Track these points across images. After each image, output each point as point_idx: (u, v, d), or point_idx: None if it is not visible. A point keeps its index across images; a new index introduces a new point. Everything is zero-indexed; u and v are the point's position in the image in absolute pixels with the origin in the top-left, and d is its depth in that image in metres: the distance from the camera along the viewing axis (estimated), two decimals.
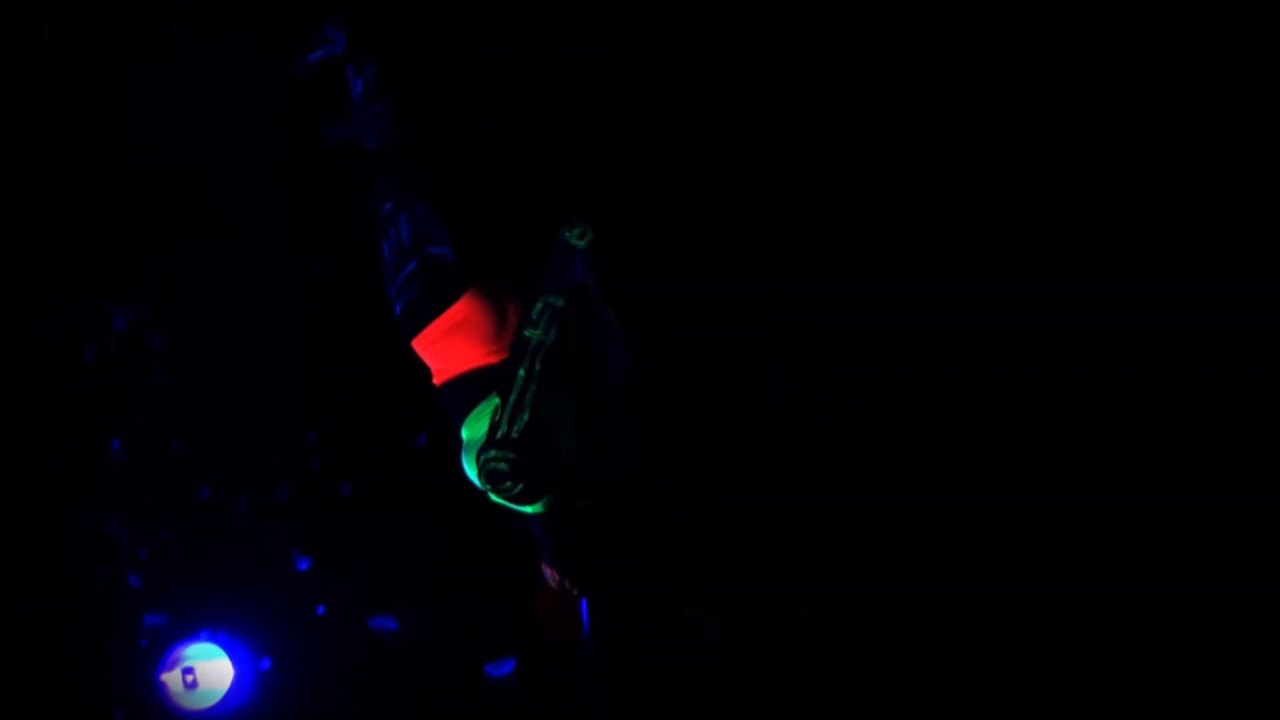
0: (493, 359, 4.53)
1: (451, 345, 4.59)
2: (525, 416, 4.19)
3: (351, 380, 5.87)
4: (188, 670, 5.58)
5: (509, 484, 4.19)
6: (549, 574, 4.60)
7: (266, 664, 5.67)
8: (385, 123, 4.83)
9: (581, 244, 4.24)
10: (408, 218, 4.68)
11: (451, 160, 5.44)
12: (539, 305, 4.22)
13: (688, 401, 5.65)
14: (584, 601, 4.75)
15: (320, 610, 5.74)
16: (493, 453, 4.20)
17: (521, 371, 4.21)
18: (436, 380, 4.65)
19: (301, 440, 5.82)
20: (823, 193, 5.83)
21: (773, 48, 5.81)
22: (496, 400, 4.30)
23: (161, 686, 5.56)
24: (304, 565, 5.73)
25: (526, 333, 4.22)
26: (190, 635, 5.62)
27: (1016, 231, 5.78)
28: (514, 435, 4.19)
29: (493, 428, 4.23)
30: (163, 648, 5.59)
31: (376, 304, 4.82)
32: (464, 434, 4.50)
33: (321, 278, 5.88)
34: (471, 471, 4.38)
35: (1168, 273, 5.68)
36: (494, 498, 4.30)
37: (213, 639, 5.61)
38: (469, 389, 4.54)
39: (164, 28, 5.71)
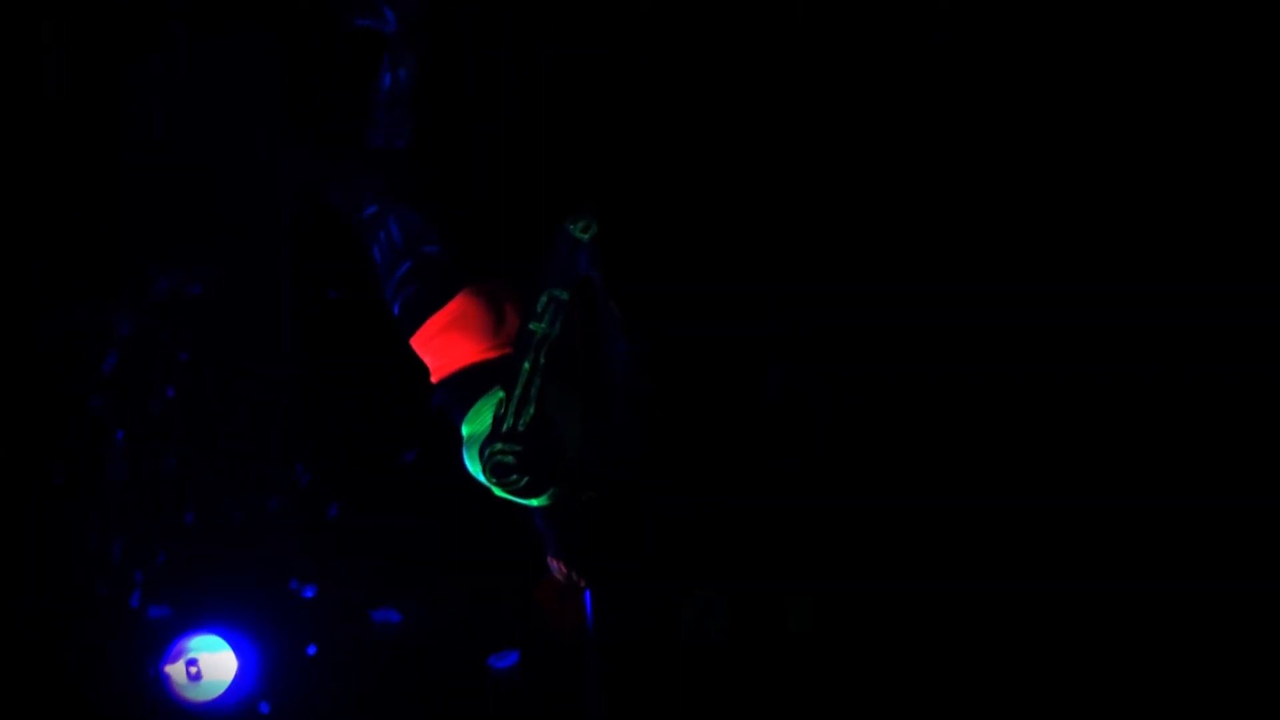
0: (491, 354, 4.53)
1: (449, 342, 4.59)
2: (530, 410, 4.19)
3: (351, 380, 5.86)
4: (191, 662, 5.58)
5: (514, 477, 4.19)
6: (554, 567, 4.58)
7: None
8: (399, 129, 4.80)
9: (585, 237, 4.24)
10: (396, 219, 4.67)
11: (451, 160, 5.43)
12: (543, 298, 4.22)
13: (689, 400, 5.64)
14: (587, 594, 4.74)
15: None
16: (498, 446, 4.19)
17: (526, 365, 4.21)
18: (434, 378, 4.65)
19: (303, 440, 5.82)
20: (823, 193, 5.83)
21: (773, 47, 5.82)
22: (497, 396, 4.30)
23: (165, 678, 5.56)
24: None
25: (531, 326, 4.22)
26: (194, 628, 5.62)
27: (1017, 230, 5.77)
28: (519, 428, 4.18)
29: (497, 421, 4.22)
30: (166, 640, 5.59)
31: (376, 304, 4.82)
32: (465, 430, 4.49)
33: (333, 298, 5.88)
34: (474, 467, 4.37)
35: (1168, 272, 5.68)
36: (498, 492, 4.30)
37: (216, 631, 5.61)
38: (469, 385, 4.53)
39: (164, 28, 5.70)
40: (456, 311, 4.58)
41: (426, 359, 4.66)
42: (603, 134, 5.72)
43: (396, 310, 4.68)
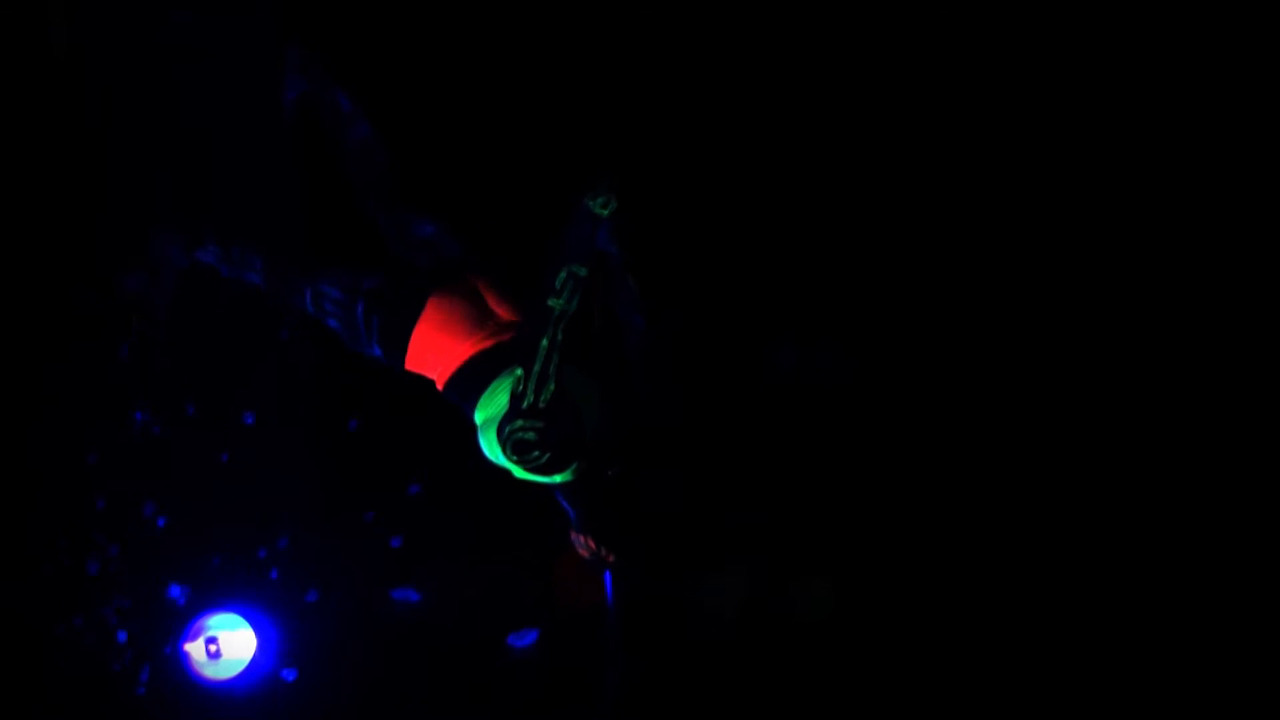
0: (488, 343, 4.54)
1: (440, 347, 4.61)
2: (550, 386, 4.18)
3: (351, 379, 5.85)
4: (211, 640, 5.57)
5: (536, 454, 4.18)
6: (579, 542, 4.55)
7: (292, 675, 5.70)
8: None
9: (605, 212, 4.24)
10: (326, 283, 4.75)
11: (452, 160, 5.45)
12: (562, 274, 4.22)
13: (700, 384, 5.64)
14: (607, 572, 4.73)
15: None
16: (519, 423, 4.18)
17: (545, 341, 4.20)
18: (439, 384, 4.64)
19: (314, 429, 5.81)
20: (824, 194, 5.85)
21: (773, 47, 5.85)
22: (509, 380, 4.30)
23: (185, 656, 5.55)
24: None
25: (550, 302, 4.22)
26: (213, 606, 5.62)
27: (1019, 228, 5.80)
28: (540, 405, 4.17)
29: (516, 399, 4.21)
30: (186, 618, 5.59)
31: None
32: (478, 417, 4.48)
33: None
34: (492, 450, 4.35)
35: (1171, 267, 5.71)
36: (518, 472, 4.28)
37: (236, 609, 5.61)
38: (474, 377, 4.54)
39: (164, 25, 5.70)
40: (434, 317, 4.61)
41: (428, 373, 4.68)
42: (603, 134, 5.74)
43: (379, 351, 4.70)
